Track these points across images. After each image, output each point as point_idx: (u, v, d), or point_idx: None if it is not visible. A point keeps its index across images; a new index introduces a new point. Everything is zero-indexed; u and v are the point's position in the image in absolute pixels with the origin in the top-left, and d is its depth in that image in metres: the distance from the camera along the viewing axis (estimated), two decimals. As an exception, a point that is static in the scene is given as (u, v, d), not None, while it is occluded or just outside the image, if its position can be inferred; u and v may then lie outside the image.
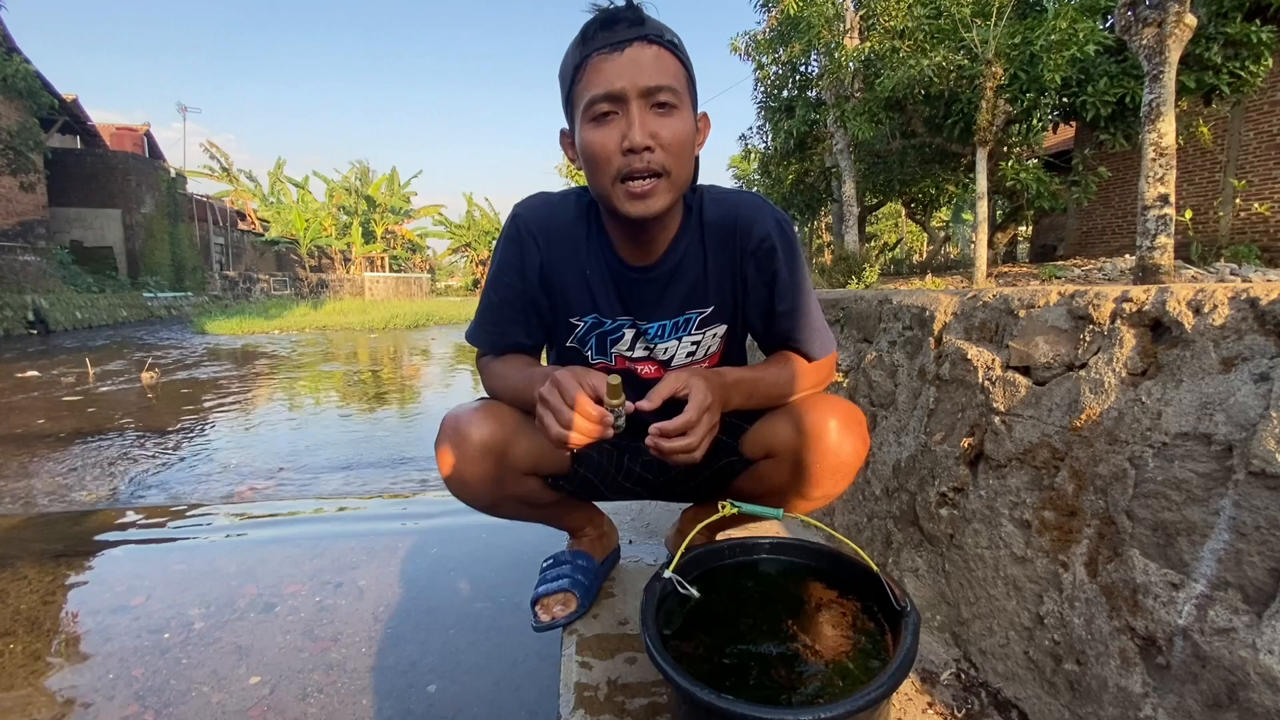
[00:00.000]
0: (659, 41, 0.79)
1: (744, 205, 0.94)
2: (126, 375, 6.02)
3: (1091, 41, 4.85)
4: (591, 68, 0.78)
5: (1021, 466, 0.98)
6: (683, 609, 0.81)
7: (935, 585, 1.15)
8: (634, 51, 0.77)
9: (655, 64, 0.78)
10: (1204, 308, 0.75)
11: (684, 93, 0.81)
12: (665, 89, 0.78)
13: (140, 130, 21.90)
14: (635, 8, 0.79)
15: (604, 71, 0.77)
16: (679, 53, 0.81)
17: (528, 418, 0.97)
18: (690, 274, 0.94)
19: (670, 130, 0.79)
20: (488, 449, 0.91)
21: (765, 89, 9.60)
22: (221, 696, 1.17)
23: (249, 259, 28.85)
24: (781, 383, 0.94)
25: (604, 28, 0.78)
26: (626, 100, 0.78)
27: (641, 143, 0.77)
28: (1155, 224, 3.43)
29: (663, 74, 0.78)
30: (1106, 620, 0.80)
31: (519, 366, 0.97)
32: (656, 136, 0.78)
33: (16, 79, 12.15)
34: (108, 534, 2.02)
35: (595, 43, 0.78)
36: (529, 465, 0.97)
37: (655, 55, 0.78)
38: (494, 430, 0.92)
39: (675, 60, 0.80)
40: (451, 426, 0.93)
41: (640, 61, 0.77)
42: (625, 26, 0.78)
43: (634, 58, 0.77)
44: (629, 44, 0.77)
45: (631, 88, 0.77)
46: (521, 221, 0.95)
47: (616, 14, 0.78)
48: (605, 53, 0.78)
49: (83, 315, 13.09)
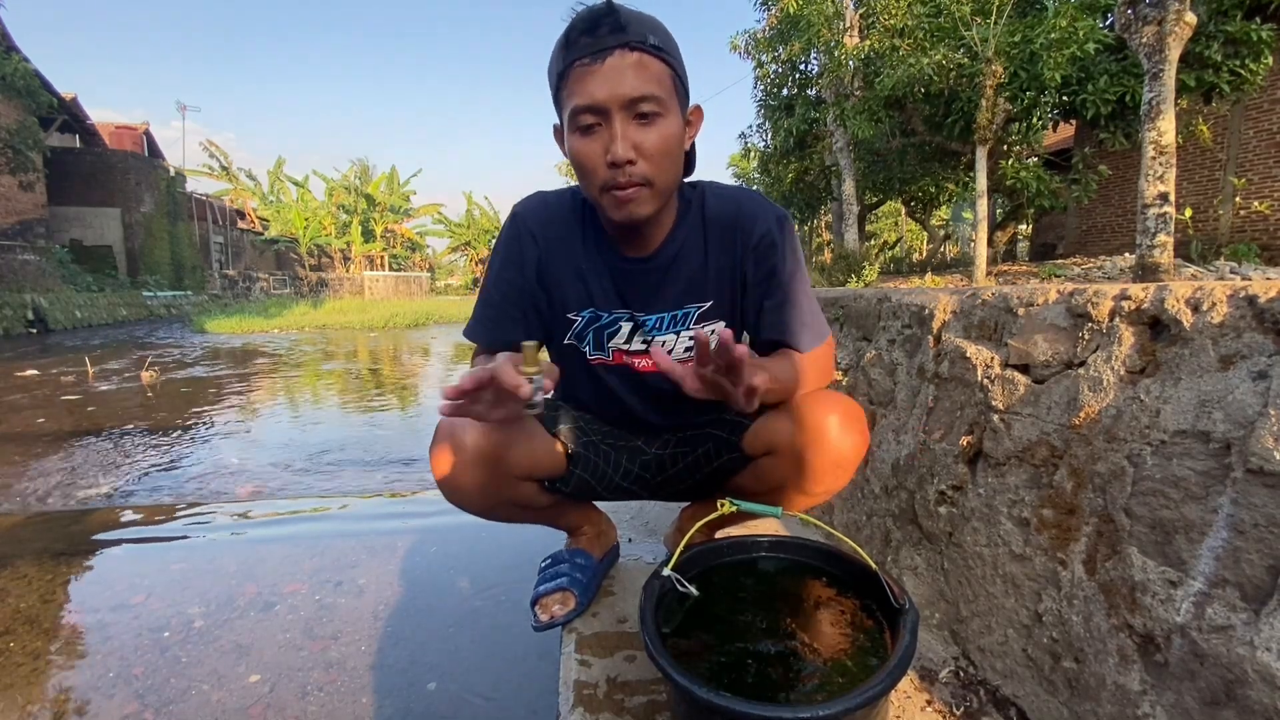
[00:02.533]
0: (641, 47, 0.78)
1: (745, 202, 0.95)
2: (126, 374, 6.02)
3: (1091, 40, 4.84)
4: (574, 77, 0.78)
5: (1020, 464, 0.98)
6: (682, 607, 0.81)
7: (934, 583, 1.15)
8: (615, 60, 0.77)
9: (637, 73, 0.77)
10: (1203, 306, 0.75)
11: (669, 97, 0.80)
12: (647, 99, 0.78)
13: (139, 129, 21.87)
14: (615, 11, 0.78)
15: (586, 82, 0.77)
16: (663, 54, 0.80)
17: (521, 423, 0.97)
18: (688, 266, 0.94)
19: (653, 140, 0.79)
20: (482, 455, 0.91)
21: (765, 87, 9.59)
22: (221, 695, 1.17)
23: (248, 258, 28.83)
24: (791, 378, 0.92)
25: (585, 33, 0.77)
26: (609, 112, 0.77)
27: (624, 156, 0.78)
28: (1155, 222, 3.43)
29: (645, 82, 0.78)
30: (1105, 618, 0.80)
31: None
32: (639, 148, 0.78)
33: (15, 78, 12.13)
34: (107, 533, 2.02)
35: (577, 50, 0.78)
36: (524, 470, 0.97)
37: (637, 63, 0.77)
38: (488, 436, 0.91)
39: (659, 63, 0.79)
40: (445, 433, 0.92)
41: (621, 71, 0.77)
42: (606, 32, 0.77)
43: (615, 66, 0.77)
44: (610, 52, 0.77)
45: (613, 99, 0.77)
46: (520, 220, 0.96)
47: (597, 19, 0.77)
48: (586, 63, 0.77)
49: (82, 314, 13.08)
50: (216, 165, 26.64)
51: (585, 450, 1.04)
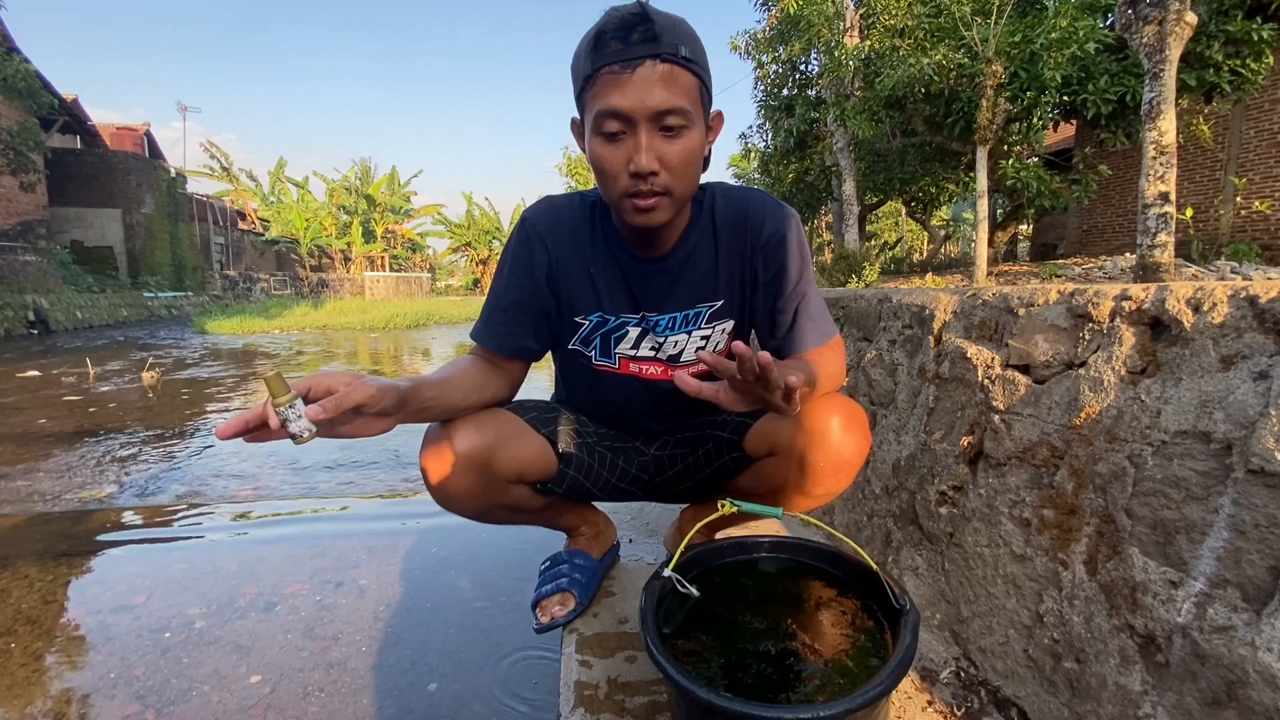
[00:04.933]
0: (673, 59, 0.76)
1: (754, 201, 0.95)
2: (127, 375, 6.02)
3: (1092, 39, 4.84)
4: (602, 82, 0.77)
5: (1021, 465, 0.98)
6: (682, 608, 0.81)
7: (935, 584, 1.15)
8: (645, 71, 0.75)
9: (666, 84, 0.76)
10: (1203, 306, 0.75)
11: (695, 109, 0.79)
12: (675, 111, 0.77)
13: (140, 130, 21.88)
14: (650, 20, 0.76)
15: (614, 90, 0.76)
16: (693, 66, 0.79)
17: (511, 425, 0.97)
18: (700, 267, 0.95)
19: (677, 153, 0.79)
20: (470, 460, 0.91)
21: (765, 87, 9.60)
22: (222, 695, 1.17)
23: (249, 259, 28.83)
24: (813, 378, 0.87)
25: (617, 38, 0.76)
26: (635, 122, 0.77)
27: (648, 168, 0.77)
28: (1156, 222, 3.43)
29: (673, 95, 0.77)
30: (1106, 618, 0.80)
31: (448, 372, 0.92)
32: (663, 160, 0.78)
33: (16, 79, 12.14)
34: (109, 533, 2.02)
35: (607, 55, 0.76)
36: (514, 473, 0.97)
37: (667, 74, 0.76)
38: (476, 440, 0.91)
39: (689, 75, 0.78)
40: (434, 438, 0.92)
41: (651, 83, 0.76)
42: (639, 40, 0.75)
43: (645, 78, 0.75)
44: (641, 62, 0.75)
45: (640, 110, 0.76)
46: (529, 225, 0.96)
47: (631, 25, 0.76)
48: (616, 70, 0.76)
49: (83, 315, 13.09)
50: (217, 166, 26.65)
51: (579, 452, 1.04)
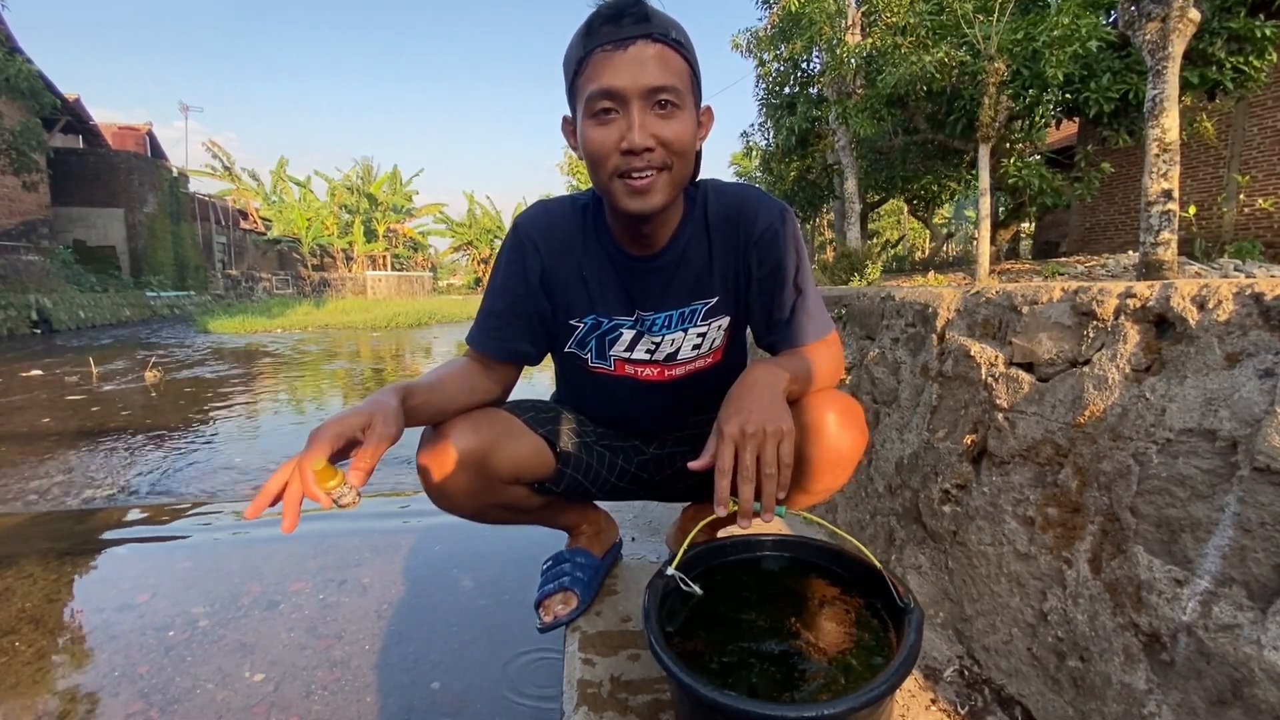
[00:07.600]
0: (664, 40, 0.78)
1: (747, 197, 0.95)
2: (130, 374, 6.03)
3: (1094, 37, 4.83)
4: (594, 63, 0.78)
5: (1025, 463, 0.98)
6: (685, 606, 0.81)
7: (938, 582, 1.15)
8: (637, 50, 0.77)
9: (658, 63, 0.77)
10: (1208, 303, 0.75)
11: (687, 92, 0.80)
12: (668, 89, 0.78)
13: (142, 129, 21.90)
14: (641, 4, 0.78)
15: (607, 68, 0.77)
16: (684, 50, 0.80)
17: (508, 425, 0.97)
18: (695, 264, 0.94)
19: (672, 130, 0.79)
20: (466, 461, 0.91)
21: (767, 86, 9.58)
22: (226, 694, 1.17)
23: (251, 258, 28.87)
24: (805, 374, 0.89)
25: (608, 22, 0.77)
26: (628, 100, 0.77)
27: (641, 144, 0.77)
28: (1159, 220, 3.42)
29: (666, 74, 0.78)
30: (1110, 617, 0.80)
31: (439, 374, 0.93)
32: (658, 136, 0.78)
33: (19, 79, 12.15)
34: (112, 532, 2.02)
35: (599, 38, 0.78)
36: (511, 473, 0.97)
37: (659, 54, 0.78)
38: (473, 441, 0.91)
39: (679, 58, 0.80)
40: (430, 439, 0.92)
41: (643, 60, 0.77)
42: (630, 23, 0.77)
43: (637, 56, 0.76)
44: (633, 41, 0.77)
45: (633, 87, 0.77)
46: (521, 230, 0.96)
47: (622, 8, 0.77)
48: (609, 49, 0.77)
49: (86, 314, 13.11)
50: (219, 165, 26.68)
51: (577, 451, 1.04)
